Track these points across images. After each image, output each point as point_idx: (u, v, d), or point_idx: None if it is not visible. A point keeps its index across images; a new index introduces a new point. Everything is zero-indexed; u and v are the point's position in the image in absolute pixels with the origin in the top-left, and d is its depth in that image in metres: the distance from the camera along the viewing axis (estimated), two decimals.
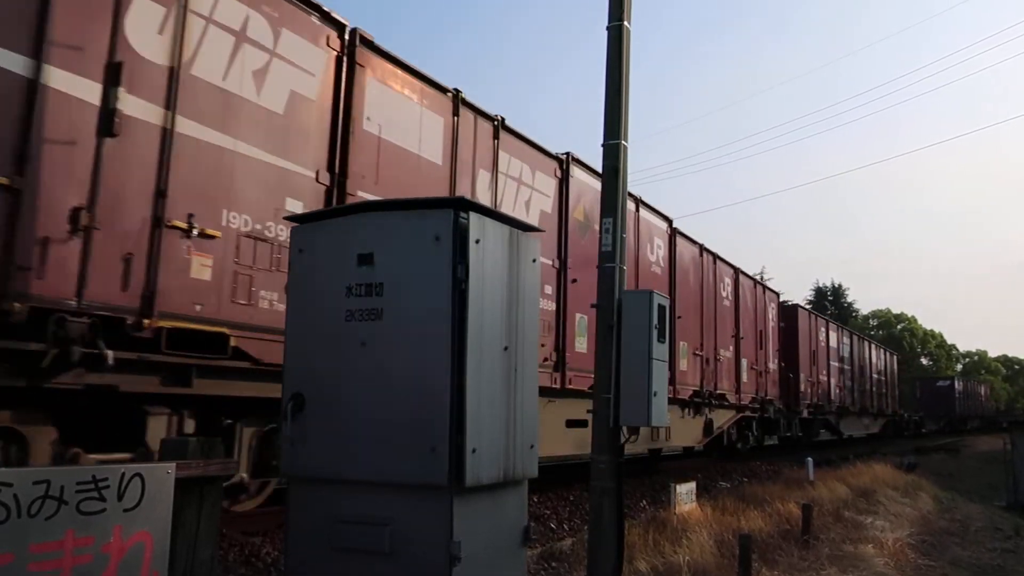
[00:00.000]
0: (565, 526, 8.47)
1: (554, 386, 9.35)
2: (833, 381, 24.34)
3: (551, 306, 9.46)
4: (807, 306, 23.46)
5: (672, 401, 11.91)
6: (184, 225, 5.35)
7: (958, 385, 50.46)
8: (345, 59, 6.71)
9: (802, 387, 20.65)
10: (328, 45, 6.58)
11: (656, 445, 12.98)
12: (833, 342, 25.07)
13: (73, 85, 4.81)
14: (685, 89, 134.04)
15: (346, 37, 6.76)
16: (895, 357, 37.53)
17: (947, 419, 46.82)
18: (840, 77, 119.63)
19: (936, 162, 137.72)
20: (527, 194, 9.24)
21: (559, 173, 9.91)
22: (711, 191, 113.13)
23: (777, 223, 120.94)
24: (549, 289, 9.40)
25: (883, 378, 33.15)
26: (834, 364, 24.90)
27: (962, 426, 49.53)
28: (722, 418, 15.34)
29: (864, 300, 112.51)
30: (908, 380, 66.11)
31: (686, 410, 13.35)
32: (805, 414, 20.76)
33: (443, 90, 7.87)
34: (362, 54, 6.85)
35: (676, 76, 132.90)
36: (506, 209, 8.35)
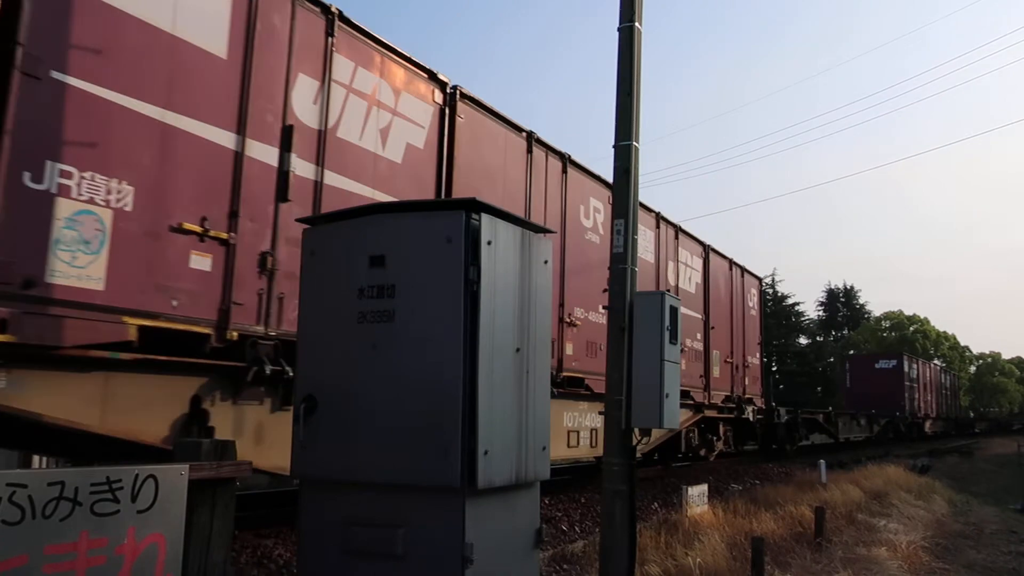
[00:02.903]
0: (577, 528, 8.45)
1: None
2: None
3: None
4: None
5: None
6: None
7: (910, 368, 33.45)
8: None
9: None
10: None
11: None
12: None
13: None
14: (686, 92, 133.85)
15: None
16: (750, 282, 16.90)
17: (888, 421, 28.90)
18: (834, 83, 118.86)
19: (948, 164, 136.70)
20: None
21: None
22: (721, 193, 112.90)
23: (789, 226, 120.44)
24: None
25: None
26: None
27: (915, 432, 33.19)
28: None
29: (876, 302, 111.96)
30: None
31: None
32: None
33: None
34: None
35: (675, 79, 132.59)
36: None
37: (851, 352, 51.23)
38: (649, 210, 12.16)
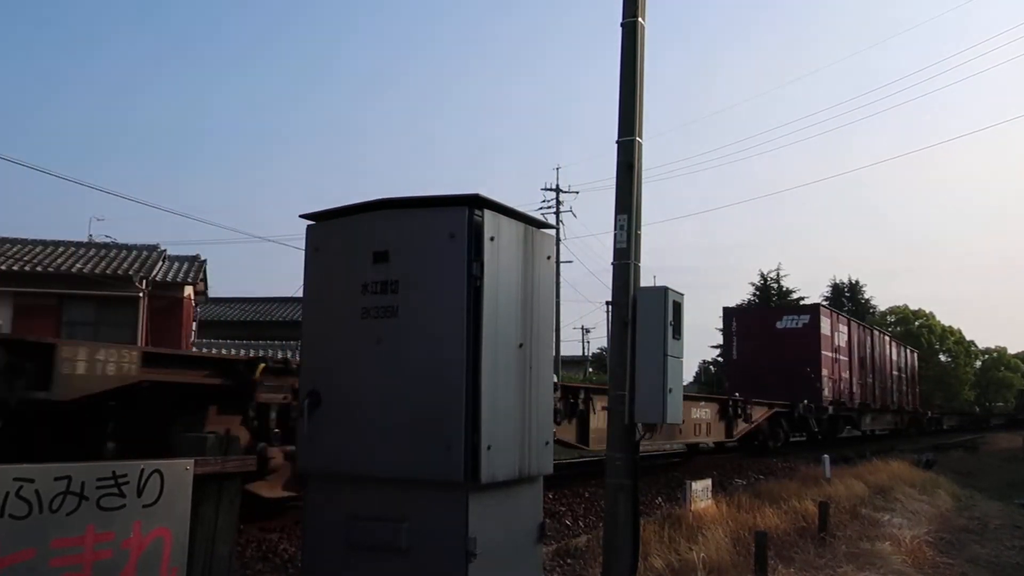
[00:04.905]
0: (580, 523, 8.48)
1: None
2: None
3: None
4: None
5: None
6: None
7: (835, 332, 22.33)
8: None
9: None
10: None
11: None
12: None
13: None
14: (701, 86, 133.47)
15: None
16: None
17: (783, 413, 18.41)
18: (840, 78, 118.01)
19: (959, 157, 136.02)
20: None
21: None
22: (724, 188, 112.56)
23: (793, 220, 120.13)
24: None
25: None
26: None
27: (842, 429, 23.13)
28: None
29: (882, 297, 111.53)
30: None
31: None
32: None
33: None
34: None
35: (696, 74, 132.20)
36: None
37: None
38: None
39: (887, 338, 30.90)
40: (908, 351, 34.98)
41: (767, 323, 22.72)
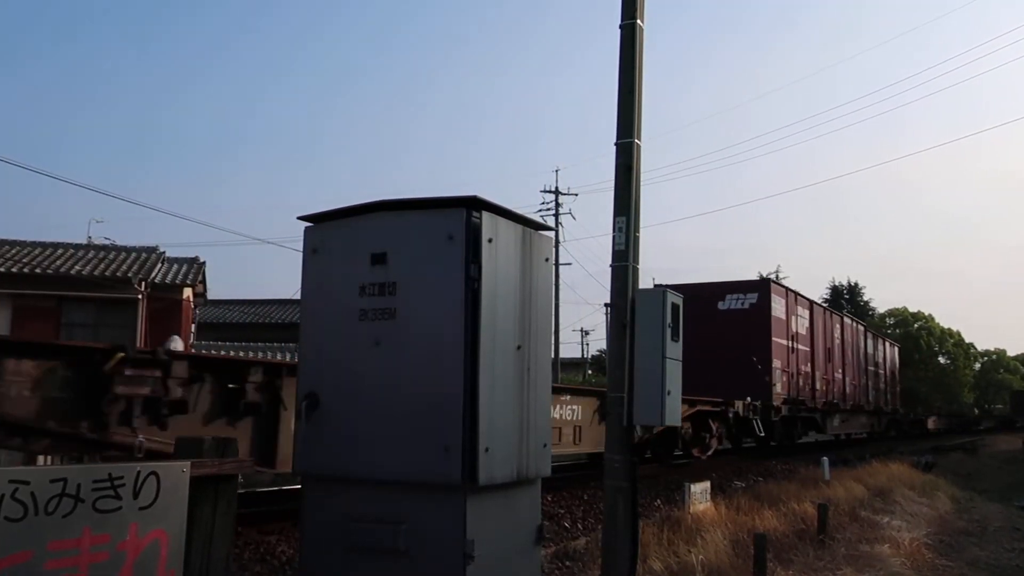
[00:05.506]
0: (579, 525, 8.46)
1: None
2: None
3: None
4: None
5: None
6: None
7: (791, 315, 18.56)
8: None
9: None
10: None
11: None
12: None
13: None
14: (691, 89, 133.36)
15: None
16: None
17: (736, 422, 14.64)
18: (842, 79, 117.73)
19: (956, 160, 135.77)
20: None
21: None
22: (725, 189, 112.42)
23: (794, 221, 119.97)
24: None
25: None
26: None
27: (798, 433, 19.31)
28: None
29: (881, 299, 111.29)
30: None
31: None
32: None
33: None
34: None
35: (681, 79, 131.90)
36: None
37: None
38: None
39: (861, 327, 26.42)
40: (887, 344, 30.81)
41: (708, 303, 17.59)
